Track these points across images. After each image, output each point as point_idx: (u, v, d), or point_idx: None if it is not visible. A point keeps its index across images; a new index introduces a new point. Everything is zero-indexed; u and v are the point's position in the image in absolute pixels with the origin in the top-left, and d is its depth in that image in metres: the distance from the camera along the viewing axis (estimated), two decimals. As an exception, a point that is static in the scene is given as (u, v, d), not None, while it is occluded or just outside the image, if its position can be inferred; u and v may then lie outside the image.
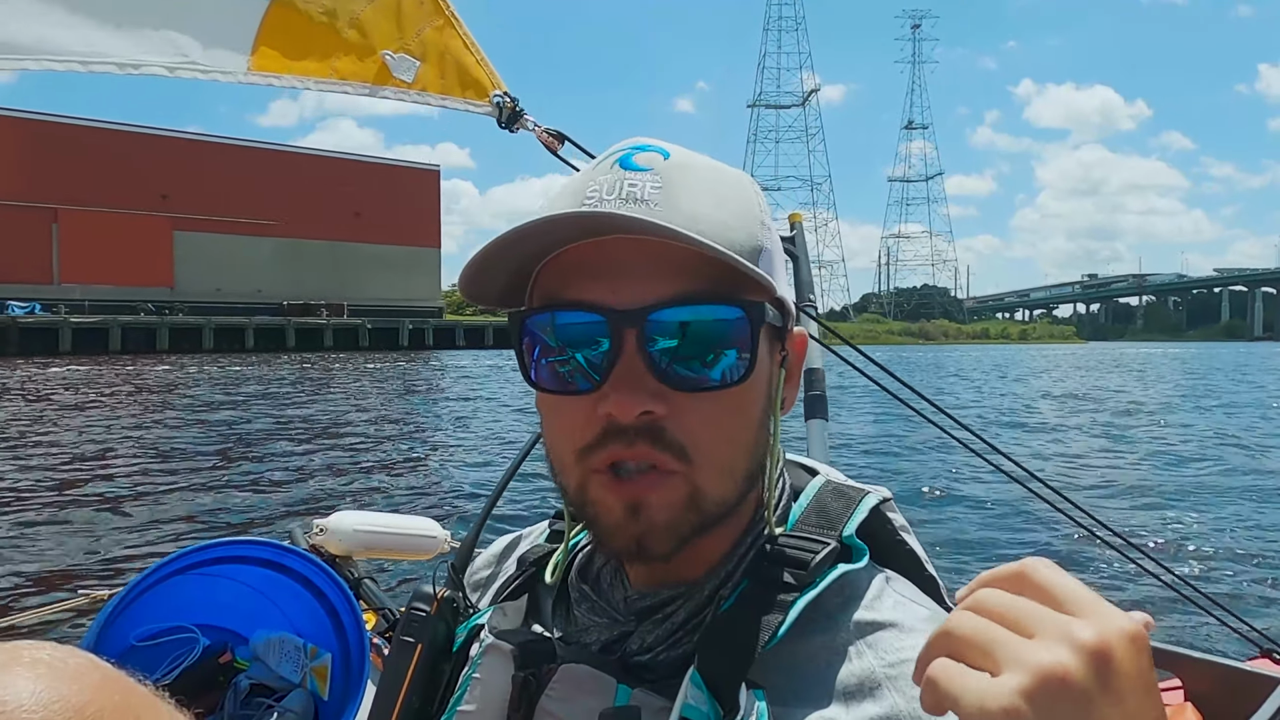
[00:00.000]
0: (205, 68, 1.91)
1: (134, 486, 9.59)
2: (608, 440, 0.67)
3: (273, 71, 1.97)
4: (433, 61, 2.10)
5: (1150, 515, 8.63)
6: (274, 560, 1.70)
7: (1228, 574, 6.45)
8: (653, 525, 0.68)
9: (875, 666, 0.67)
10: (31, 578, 6.02)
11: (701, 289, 0.66)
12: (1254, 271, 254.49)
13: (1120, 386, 31.11)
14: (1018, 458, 2.27)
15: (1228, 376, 39.23)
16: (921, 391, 2.09)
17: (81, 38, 1.80)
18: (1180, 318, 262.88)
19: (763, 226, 0.72)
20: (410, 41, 2.08)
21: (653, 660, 0.73)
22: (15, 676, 0.48)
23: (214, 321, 57.48)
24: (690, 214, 0.66)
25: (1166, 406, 22.77)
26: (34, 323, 49.51)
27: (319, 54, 2.01)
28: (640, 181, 0.68)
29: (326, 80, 2.03)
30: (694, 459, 0.68)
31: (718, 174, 0.73)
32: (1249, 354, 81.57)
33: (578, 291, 0.68)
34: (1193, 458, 12.86)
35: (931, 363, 55.49)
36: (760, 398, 0.72)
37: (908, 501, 8.81)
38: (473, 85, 2.11)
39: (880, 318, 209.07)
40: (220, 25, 1.93)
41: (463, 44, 2.12)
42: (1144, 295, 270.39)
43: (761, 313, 0.68)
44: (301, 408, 19.35)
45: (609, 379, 0.67)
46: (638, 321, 0.66)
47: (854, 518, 0.76)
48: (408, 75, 2.08)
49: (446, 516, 7.91)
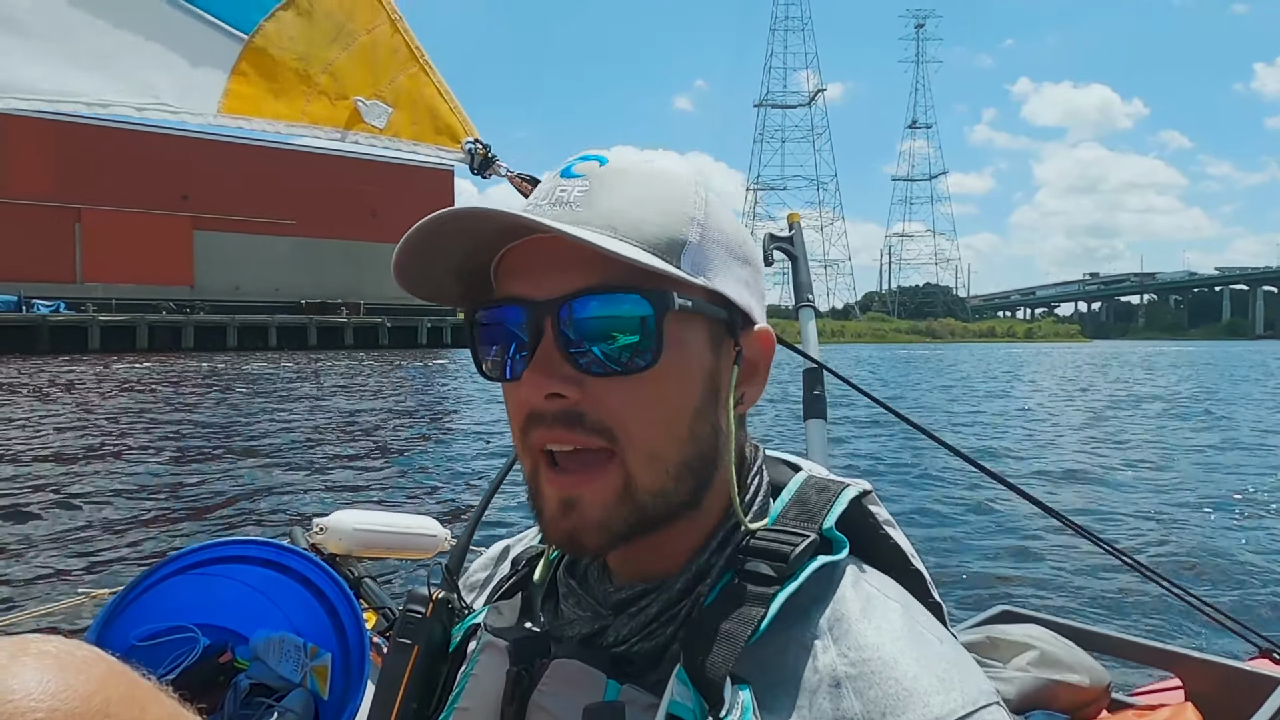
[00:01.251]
0: (175, 109, 1.90)
1: (134, 486, 9.53)
2: (531, 425, 0.71)
3: (243, 114, 1.96)
4: (405, 108, 2.10)
5: (1150, 516, 8.56)
6: (274, 560, 1.69)
7: (1227, 574, 6.37)
8: (585, 521, 0.70)
9: (837, 664, 0.67)
10: (31, 577, 5.98)
11: (613, 280, 0.69)
12: (1256, 270, 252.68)
13: (1170, 386, 30.61)
14: (1010, 474, 2.23)
15: (1239, 374, 38.90)
16: (903, 411, 2.06)
17: (51, 76, 1.78)
18: (1182, 316, 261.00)
19: (690, 222, 0.73)
20: (383, 88, 2.08)
21: (628, 651, 0.74)
22: (23, 667, 0.48)
23: (238, 320, 58.03)
24: (607, 211, 0.70)
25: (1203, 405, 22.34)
26: (64, 321, 50.13)
27: (291, 98, 2.00)
28: (570, 186, 0.72)
29: (297, 124, 2.02)
30: (619, 439, 0.70)
31: (649, 176, 0.74)
32: (1260, 352, 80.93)
33: (509, 287, 0.73)
34: (1206, 457, 12.76)
35: (945, 364, 54.78)
36: (689, 387, 0.73)
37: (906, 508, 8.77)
38: (445, 131, 2.13)
39: (885, 316, 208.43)
40: (192, 68, 1.91)
41: (436, 91, 2.12)
42: (1146, 294, 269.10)
43: (665, 299, 0.69)
44: (308, 406, 19.29)
45: (529, 366, 0.70)
46: (552, 310, 0.70)
47: (833, 510, 0.76)
48: (379, 121, 2.08)
49: (448, 515, 7.87)
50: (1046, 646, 1.85)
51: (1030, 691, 1.79)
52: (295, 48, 1.99)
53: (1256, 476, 10.85)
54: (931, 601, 0.79)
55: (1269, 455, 12.92)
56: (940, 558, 6.65)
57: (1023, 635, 1.89)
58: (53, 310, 51.49)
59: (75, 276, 60.04)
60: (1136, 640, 2.09)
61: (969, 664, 0.71)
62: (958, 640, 0.75)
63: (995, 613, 2.19)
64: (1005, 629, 1.94)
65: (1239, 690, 1.88)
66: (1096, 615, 5.32)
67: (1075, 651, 1.87)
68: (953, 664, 0.68)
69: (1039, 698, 1.80)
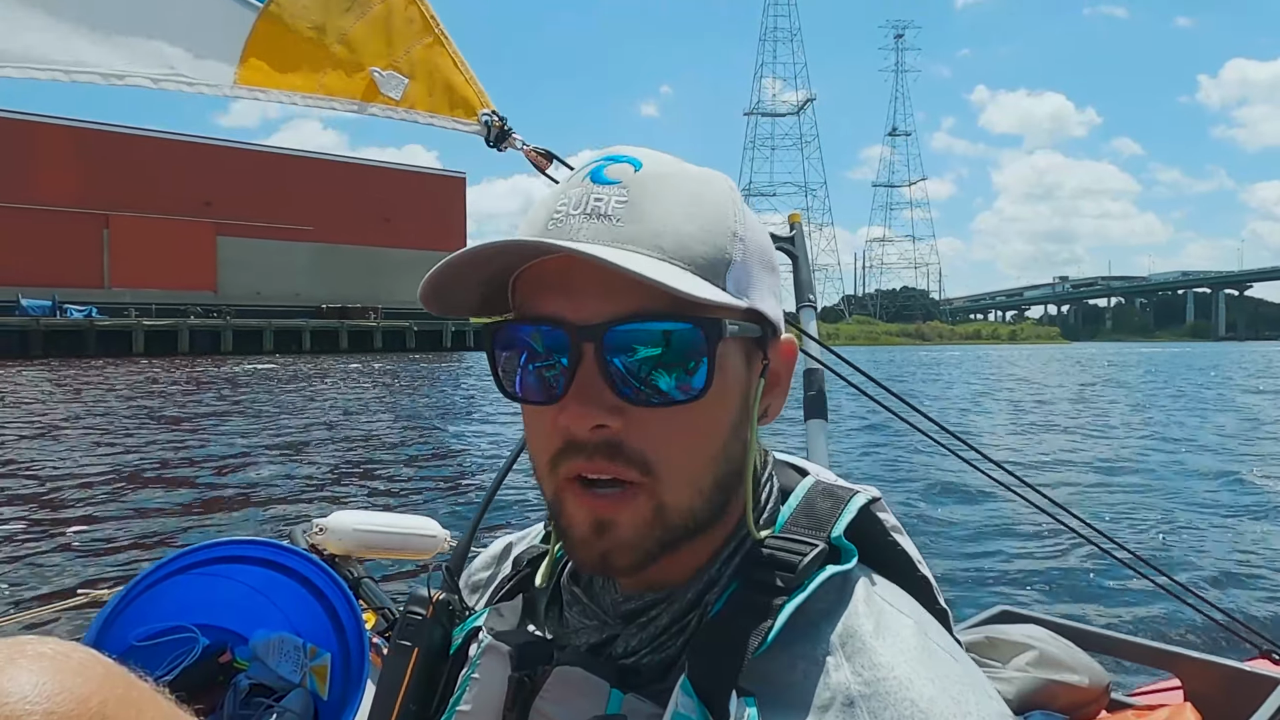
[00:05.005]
0: (191, 80, 1.83)
1: (135, 485, 9.42)
2: (569, 453, 0.66)
3: (259, 85, 1.88)
4: (421, 79, 2.01)
5: (1150, 515, 8.45)
6: (273, 560, 1.63)
7: (1227, 575, 6.28)
8: (618, 542, 0.66)
9: (851, 682, 0.62)
10: (31, 577, 5.88)
11: (660, 305, 0.63)
12: (1220, 274, 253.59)
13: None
14: (1013, 468, 2.18)
15: (1226, 375, 38.85)
16: (914, 402, 1.99)
17: (67, 47, 1.71)
18: (1148, 319, 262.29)
19: (733, 238, 0.68)
20: (399, 59, 1.99)
21: (637, 664, 0.70)
22: (19, 670, 0.47)
23: (274, 324, 58.72)
24: (653, 230, 0.64)
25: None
26: (110, 326, 51.27)
27: (307, 69, 1.92)
28: (606, 196, 0.66)
29: (313, 95, 1.94)
30: (656, 471, 0.65)
31: (689, 184, 0.68)
32: (1240, 353, 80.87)
33: (542, 305, 0.67)
34: (1201, 456, 12.64)
35: (952, 366, 54.59)
36: (728, 409, 0.69)
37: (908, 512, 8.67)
38: (461, 104, 2.03)
39: (870, 319, 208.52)
40: (208, 38, 1.84)
41: (452, 62, 2.03)
42: (1113, 297, 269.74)
43: (718, 329, 0.64)
44: (315, 407, 19.14)
45: (567, 393, 0.65)
46: (595, 336, 0.64)
47: (842, 518, 0.72)
48: (395, 92, 1.99)
49: (450, 516, 7.76)
50: (1046, 647, 1.82)
51: (1030, 692, 1.77)
52: (310, 16, 1.92)
53: (1258, 477, 10.73)
54: (938, 608, 0.75)
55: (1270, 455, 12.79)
56: (940, 558, 6.56)
57: (1022, 635, 1.86)
58: (86, 315, 52.24)
59: (103, 282, 60.23)
60: (1136, 640, 2.07)
61: (982, 683, 0.67)
62: (966, 652, 0.72)
63: (995, 613, 2.16)
64: (1005, 629, 1.92)
65: (1239, 690, 1.85)
66: (1096, 615, 5.24)
67: (1074, 651, 1.84)
68: (968, 685, 0.64)
69: (1038, 698, 1.77)
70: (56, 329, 48.92)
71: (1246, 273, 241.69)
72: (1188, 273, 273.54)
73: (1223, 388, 30.01)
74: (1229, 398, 25.30)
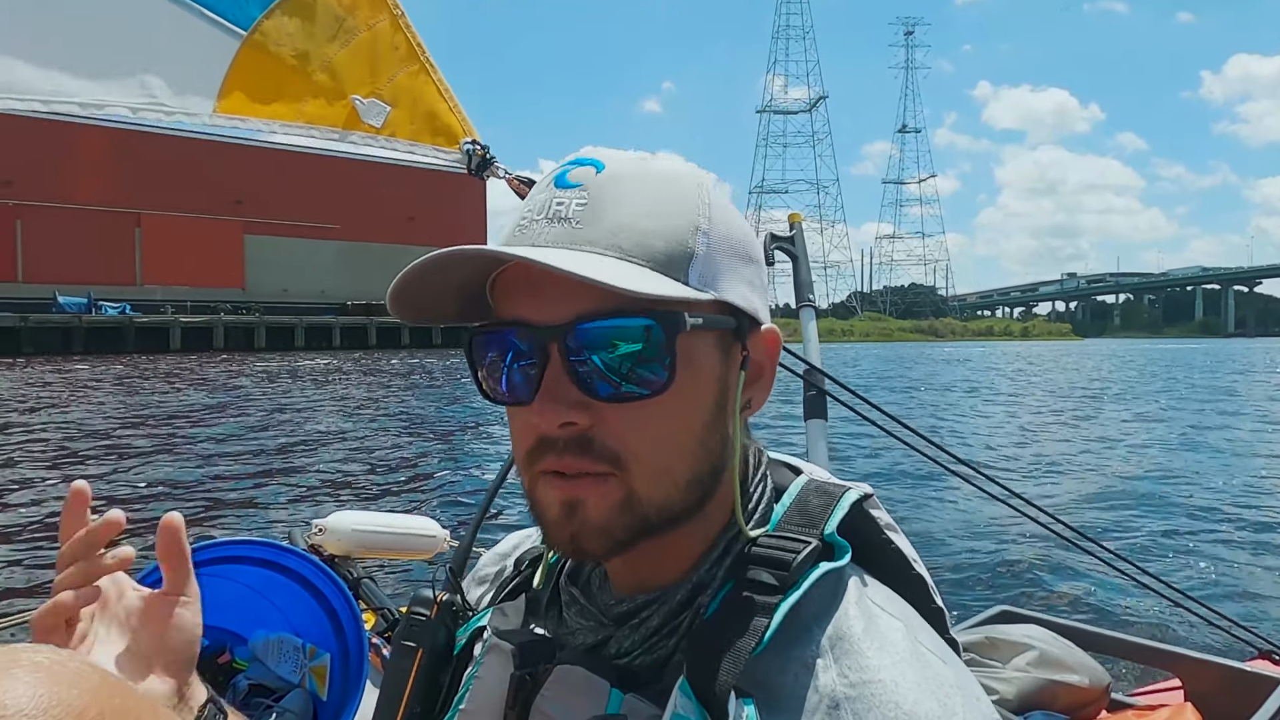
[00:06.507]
0: (170, 109, 1.81)
1: (133, 486, 9.36)
2: (542, 450, 0.66)
3: (239, 114, 1.87)
4: (404, 107, 2.00)
5: (1149, 516, 8.33)
6: (273, 560, 1.61)
7: (1228, 575, 6.17)
8: (586, 524, 0.66)
9: (837, 685, 0.62)
10: (29, 578, 5.80)
11: (619, 302, 0.63)
12: (1232, 270, 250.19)
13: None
14: (1003, 478, 2.13)
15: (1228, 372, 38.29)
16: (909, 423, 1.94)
17: (47, 78, 1.69)
18: (1157, 315, 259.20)
19: (695, 232, 0.67)
20: (382, 86, 1.98)
21: (630, 664, 0.70)
22: (14, 680, 0.46)
23: (305, 321, 59.42)
24: (610, 229, 0.65)
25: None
26: (149, 323, 52.11)
27: (288, 97, 1.90)
28: (567, 200, 0.67)
29: (294, 124, 1.92)
30: (627, 465, 0.65)
31: (651, 182, 0.68)
32: (1251, 349, 79.67)
33: (512, 309, 0.68)
34: (1200, 456, 12.43)
35: (975, 364, 53.82)
36: (700, 401, 0.68)
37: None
38: (443, 132, 2.02)
39: (882, 315, 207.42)
40: (189, 67, 1.82)
41: (436, 90, 2.02)
42: (1122, 293, 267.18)
43: (676, 322, 0.64)
44: (318, 407, 18.86)
45: (537, 392, 0.65)
46: (559, 336, 0.65)
47: (834, 515, 0.71)
48: (377, 120, 1.98)
49: (450, 516, 7.68)
50: (1046, 647, 1.80)
51: (1030, 692, 1.75)
52: (294, 44, 1.90)
53: (1259, 477, 10.56)
54: (933, 607, 0.74)
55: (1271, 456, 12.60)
56: (940, 558, 6.47)
57: (1022, 635, 1.84)
58: (120, 311, 52.98)
59: (135, 279, 60.75)
60: (1136, 640, 2.04)
61: (972, 687, 0.66)
62: (960, 656, 0.71)
63: (994, 613, 2.13)
64: (1004, 629, 1.89)
65: (1239, 690, 1.83)
66: (1096, 615, 5.15)
67: (1075, 652, 1.82)
68: (955, 688, 0.63)
69: (1038, 698, 1.75)
70: (96, 326, 49.78)
71: (1258, 269, 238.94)
72: (1207, 269, 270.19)
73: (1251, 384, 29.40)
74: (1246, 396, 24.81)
